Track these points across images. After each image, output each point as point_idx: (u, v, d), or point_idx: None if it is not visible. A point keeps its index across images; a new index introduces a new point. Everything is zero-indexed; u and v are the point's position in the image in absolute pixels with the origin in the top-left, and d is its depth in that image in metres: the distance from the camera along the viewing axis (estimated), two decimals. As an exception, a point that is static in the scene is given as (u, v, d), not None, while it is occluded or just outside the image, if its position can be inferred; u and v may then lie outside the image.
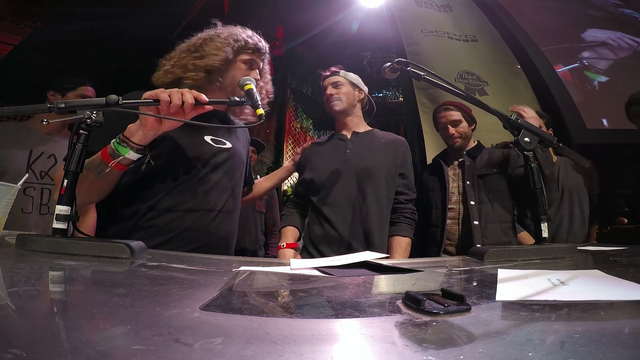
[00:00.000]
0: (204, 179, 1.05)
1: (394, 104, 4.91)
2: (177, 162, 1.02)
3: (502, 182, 1.67)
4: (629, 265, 0.75)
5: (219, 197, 1.07)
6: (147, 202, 0.99)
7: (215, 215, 1.06)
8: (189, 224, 1.01)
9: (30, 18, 2.65)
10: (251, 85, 1.00)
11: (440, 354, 0.26)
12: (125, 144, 0.87)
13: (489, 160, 1.71)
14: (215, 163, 1.08)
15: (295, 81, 5.06)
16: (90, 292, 0.48)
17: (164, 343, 0.27)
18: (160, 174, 1.00)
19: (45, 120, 0.77)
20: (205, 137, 1.09)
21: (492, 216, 1.63)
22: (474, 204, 1.64)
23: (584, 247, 1.06)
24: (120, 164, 0.88)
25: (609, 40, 2.94)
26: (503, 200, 1.65)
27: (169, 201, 1.00)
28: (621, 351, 0.27)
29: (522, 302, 0.41)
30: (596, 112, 2.73)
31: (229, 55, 1.10)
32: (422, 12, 3.09)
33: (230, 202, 1.11)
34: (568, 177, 1.88)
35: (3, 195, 0.70)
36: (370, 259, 0.75)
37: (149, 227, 0.98)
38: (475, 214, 1.63)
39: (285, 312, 0.40)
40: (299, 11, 3.87)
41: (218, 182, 1.07)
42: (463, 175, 1.71)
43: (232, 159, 1.13)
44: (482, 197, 1.65)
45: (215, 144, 1.10)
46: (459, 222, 1.67)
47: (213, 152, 1.08)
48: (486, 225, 1.62)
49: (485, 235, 1.60)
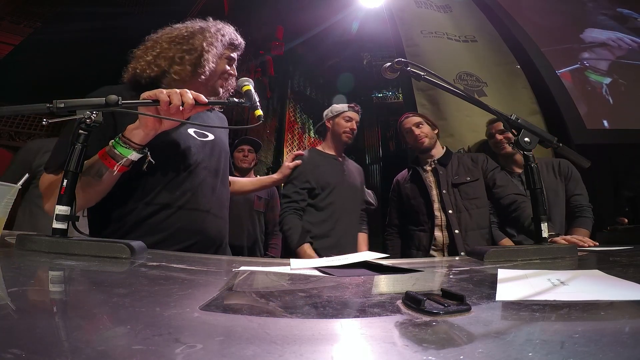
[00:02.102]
0: (192, 171, 1.04)
1: (394, 104, 4.92)
2: (166, 157, 1.00)
3: (477, 189, 1.74)
4: (629, 265, 0.75)
5: (209, 190, 1.07)
6: (141, 200, 0.98)
7: (208, 210, 1.05)
8: (183, 221, 1.01)
9: (30, 18, 2.65)
10: (249, 86, 0.99)
11: (440, 354, 0.26)
12: (127, 145, 0.87)
13: (459, 167, 1.79)
14: (201, 154, 1.07)
15: (295, 81, 5.07)
16: (90, 292, 0.48)
17: (164, 343, 0.27)
18: (152, 170, 0.98)
19: (46, 120, 0.77)
20: (189, 131, 1.07)
21: (471, 224, 1.69)
22: (452, 213, 1.70)
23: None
24: (124, 165, 0.88)
25: (609, 40, 2.94)
26: (479, 208, 1.72)
27: (164, 197, 0.99)
28: (621, 351, 0.27)
29: (522, 302, 0.41)
30: (597, 114, 2.73)
31: (219, 51, 1.10)
32: (422, 13, 3.08)
33: (223, 191, 1.12)
34: (544, 180, 1.93)
35: (3, 195, 0.70)
36: (370, 259, 0.75)
37: (143, 226, 0.98)
38: (455, 222, 1.68)
39: (285, 312, 0.40)
40: (299, 11, 3.87)
41: (207, 174, 1.07)
42: (438, 183, 1.77)
43: (216, 148, 1.13)
44: (459, 205, 1.71)
45: (198, 137, 1.09)
46: (442, 228, 1.73)
47: (197, 144, 1.07)
48: (466, 233, 1.67)
49: (467, 242, 1.65)
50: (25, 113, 1.64)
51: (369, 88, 4.99)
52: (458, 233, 1.66)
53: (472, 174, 1.76)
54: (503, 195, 1.67)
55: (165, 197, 1.00)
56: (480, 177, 1.75)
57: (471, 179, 1.74)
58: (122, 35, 2.61)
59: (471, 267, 0.74)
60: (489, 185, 1.73)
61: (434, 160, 1.83)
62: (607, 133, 2.68)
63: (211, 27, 1.12)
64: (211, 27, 1.12)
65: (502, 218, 1.75)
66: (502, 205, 1.67)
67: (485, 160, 1.81)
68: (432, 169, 1.83)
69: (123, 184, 0.96)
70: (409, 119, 1.91)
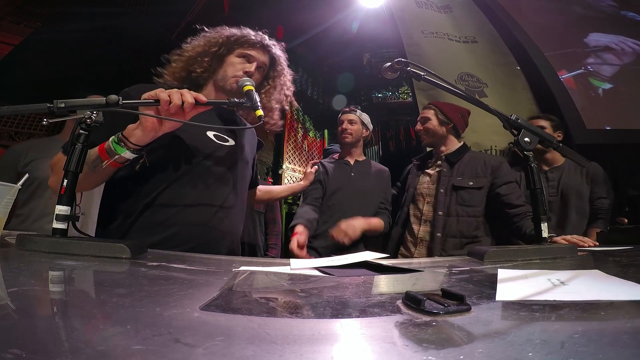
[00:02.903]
0: (203, 172, 1.04)
1: (394, 104, 4.91)
2: (175, 155, 1.02)
3: (475, 197, 1.65)
4: (629, 265, 0.75)
5: (219, 192, 1.07)
6: (146, 198, 0.99)
7: (216, 211, 1.05)
8: (189, 219, 1.01)
9: (30, 18, 2.65)
10: (250, 86, 1.00)
11: (440, 354, 0.26)
12: (123, 143, 0.87)
13: (467, 167, 1.71)
14: (216, 157, 1.08)
15: (296, 81, 5.05)
16: (90, 292, 0.48)
17: (164, 343, 0.27)
18: (160, 168, 1.00)
19: (46, 120, 0.77)
20: (207, 133, 1.09)
21: (454, 231, 1.63)
22: (441, 215, 1.66)
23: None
24: (116, 162, 0.88)
25: (612, 44, 2.93)
26: (470, 216, 1.64)
27: (168, 195, 1.00)
28: (621, 351, 0.27)
29: (522, 302, 0.41)
30: (599, 117, 2.73)
31: (212, 49, 1.13)
32: (423, 13, 3.08)
33: (231, 198, 1.09)
34: (569, 180, 1.96)
35: (3, 195, 0.70)
36: (370, 259, 0.75)
37: (149, 223, 0.98)
38: (440, 225, 1.65)
39: (285, 312, 0.40)
40: (299, 11, 3.86)
41: (218, 176, 1.07)
42: (438, 182, 1.73)
43: (234, 154, 1.13)
44: (451, 209, 1.66)
45: (218, 140, 1.10)
46: (425, 224, 1.71)
47: (214, 147, 1.08)
48: (446, 239, 1.64)
49: (445, 248, 1.62)
50: (26, 113, 1.65)
51: (369, 88, 4.99)
52: (439, 236, 1.64)
53: (476, 179, 1.67)
54: (510, 208, 1.58)
55: (174, 194, 1.00)
56: (485, 187, 1.65)
57: (474, 184, 1.66)
58: (122, 35, 2.62)
59: (471, 267, 0.74)
60: (495, 194, 1.63)
61: (442, 156, 1.79)
62: (607, 133, 2.68)
63: (211, 32, 1.17)
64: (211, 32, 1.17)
65: (505, 228, 1.66)
66: (508, 215, 1.58)
67: (499, 168, 1.67)
68: (438, 165, 1.80)
69: (132, 180, 0.98)
70: (423, 111, 1.90)
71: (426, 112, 1.86)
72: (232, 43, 1.14)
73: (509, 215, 1.57)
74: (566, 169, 1.99)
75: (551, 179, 1.98)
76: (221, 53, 1.14)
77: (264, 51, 1.18)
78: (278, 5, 3.79)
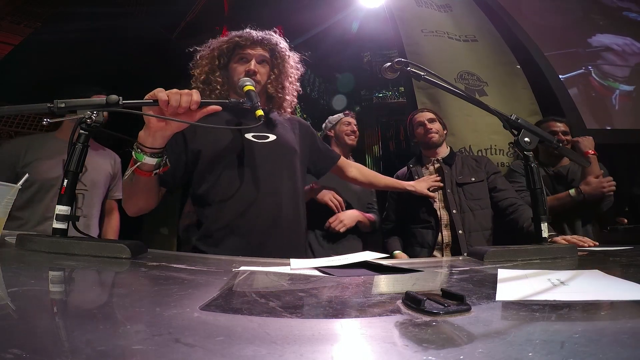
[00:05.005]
0: (254, 170, 1.10)
1: (394, 104, 4.91)
2: (223, 164, 1.09)
3: (481, 190, 1.74)
4: (629, 265, 0.76)
5: (273, 183, 1.12)
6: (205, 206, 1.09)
7: (279, 200, 1.11)
8: (255, 216, 1.07)
9: (30, 18, 2.64)
10: (250, 86, 1.00)
11: (440, 354, 0.26)
12: (140, 149, 0.87)
13: (463, 167, 1.80)
14: (260, 156, 1.12)
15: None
16: (90, 292, 0.48)
17: (164, 343, 0.27)
18: (214, 182, 1.08)
19: (46, 120, 0.77)
20: (246, 135, 1.13)
21: (474, 225, 1.68)
22: (456, 213, 1.69)
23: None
24: (141, 169, 0.89)
25: (614, 45, 2.93)
26: (483, 209, 1.72)
27: (231, 198, 1.07)
28: (621, 351, 0.27)
29: (522, 302, 0.41)
30: (599, 117, 2.73)
31: (214, 63, 1.17)
32: (422, 12, 3.07)
33: (287, 185, 1.14)
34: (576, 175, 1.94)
35: (3, 195, 0.70)
36: (370, 259, 0.75)
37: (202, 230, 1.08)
38: (459, 222, 1.67)
39: (285, 312, 0.40)
40: (299, 11, 3.86)
41: (269, 171, 1.12)
42: (443, 182, 1.76)
43: (279, 148, 1.17)
44: (463, 205, 1.71)
45: (258, 140, 1.14)
46: (444, 227, 1.71)
47: (256, 147, 1.13)
48: (470, 234, 1.67)
49: (470, 243, 1.64)
50: (26, 113, 1.65)
51: (369, 88, 4.98)
52: (462, 233, 1.66)
53: (476, 174, 1.76)
54: (502, 198, 1.70)
55: (217, 199, 1.08)
56: (484, 179, 1.76)
57: (476, 179, 1.75)
58: (122, 36, 2.62)
59: (471, 267, 0.74)
60: (489, 188, 1.75)
61: (439, 159, 1.82)
62: (608, 133, 2.68)
63: (213, 42, 1.21)
64: (213, 42, 1.21)
65: (500, 221, 1.74)
66: (500, 207, 1.69)
67: (487, 163, 1.83)
68: (437, 167, 1.82)
69: (196, 204, 1.12)
70: (423, 114, 1.92)
71: (428, 114, 1.91)
72: (227, 50, 1.18)
73: (503, 206, 1.68)
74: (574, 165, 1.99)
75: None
76: (224, 64, 1.18)
77: (259, 45, 1.20)
78: (278, 5, 3.79)
